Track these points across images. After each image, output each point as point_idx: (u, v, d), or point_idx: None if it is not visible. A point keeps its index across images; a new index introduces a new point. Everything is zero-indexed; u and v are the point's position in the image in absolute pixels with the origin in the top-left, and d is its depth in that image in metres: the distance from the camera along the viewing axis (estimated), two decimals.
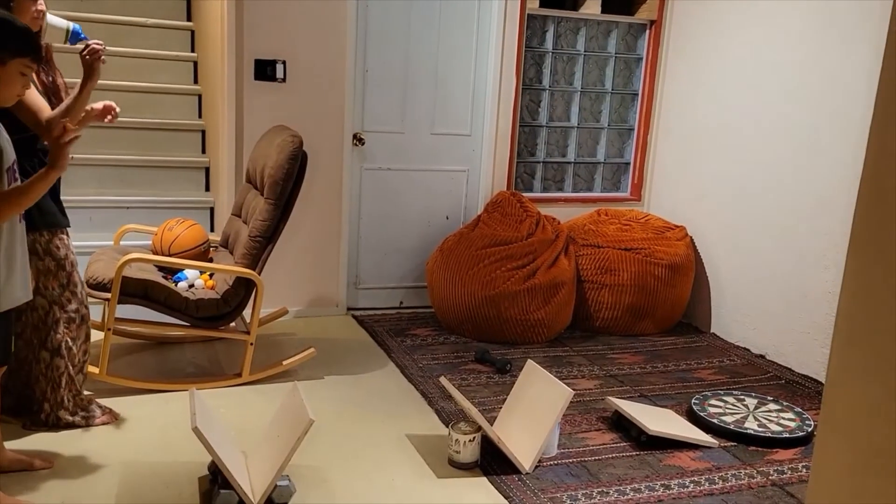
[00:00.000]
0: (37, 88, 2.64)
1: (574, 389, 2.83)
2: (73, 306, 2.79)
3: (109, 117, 2.85)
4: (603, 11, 4.72)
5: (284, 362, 3.50)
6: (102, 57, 2.64)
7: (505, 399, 3.14)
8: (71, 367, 2.82)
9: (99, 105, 2.92)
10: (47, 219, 2.70)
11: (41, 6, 2.67)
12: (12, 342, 2.51)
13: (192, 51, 5.22)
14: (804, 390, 3.70)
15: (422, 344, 4.03)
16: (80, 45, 2.66)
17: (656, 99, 4.90)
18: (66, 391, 2.83)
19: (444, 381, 3.06)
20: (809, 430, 3.15)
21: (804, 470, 2.89)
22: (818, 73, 3.81)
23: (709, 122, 4.51)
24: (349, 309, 4.50)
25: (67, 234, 2.78)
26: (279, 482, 2.47)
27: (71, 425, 2.84)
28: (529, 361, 3.08)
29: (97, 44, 2.61)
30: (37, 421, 2.82)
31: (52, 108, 2.67)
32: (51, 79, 2.72)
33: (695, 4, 4.60)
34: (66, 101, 2.63)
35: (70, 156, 2.23)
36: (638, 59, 4.93)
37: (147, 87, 4.84)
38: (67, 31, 2.57)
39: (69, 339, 2.79)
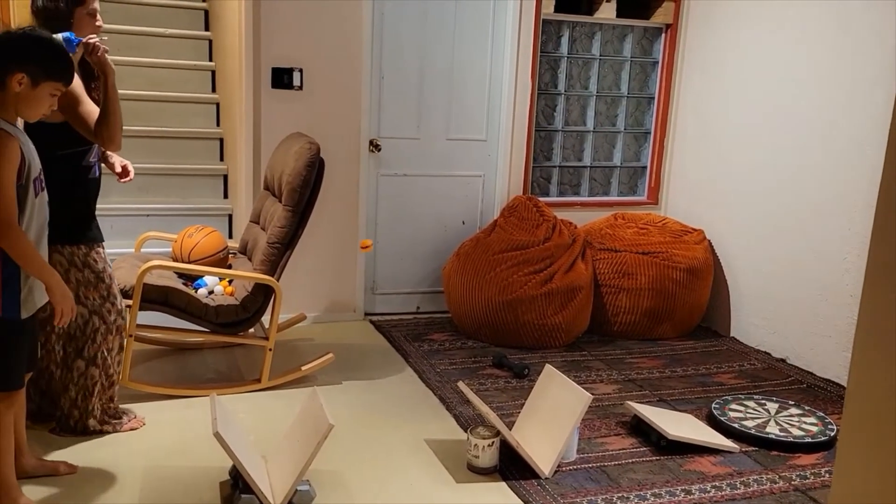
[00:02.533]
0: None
1: (593, 394, 2.83)
2: (112, 317, 2.84)
3: (126, 179, 3.05)
4: (618, 15, 4.72)
5: (303, 368, 3.51)
6: (104, 47, 2.64)
7: (523, 404, 3.13)
8: (104, 377, 2.86)
9: (118, 166, 3.05)
10: (85, 234, 2.78)
11: (100, 23, 2.74)
12: (38, 348, 2.55)
13: (210, 60, 5.27)
14: (826, 394, 3.66)
15: (439, 349, 4.04)
16: (80, 51, 2.66)
17: (672, 102, 4.88)
18: (97, 400, 2.86)
19: (462, 385, 3.06)
20: (832, 434, 3.12)
21: (827, 475, 2.86)
22: (835, 75, 3.78)
23: (726, 125, 4.49)
24: (366, 314, 4.52)
25: (103, 248, 2.84)
26: (299, 487, 2.49)
27: (99, 432, 2.88)
28: (547, 366, 3.07)
29: (91, 38, 2.63)
30: (65, 427, 2.85)
31: None
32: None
33: (710, 7, 4.58)
34: (100, 106, 2.65)
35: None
36: (654, 62, 4.91)
37: (166, 97, 4.89)
38: (59, 42, 2.58)
39: (105, 350, 2.84)
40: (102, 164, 2.96)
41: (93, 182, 2.82)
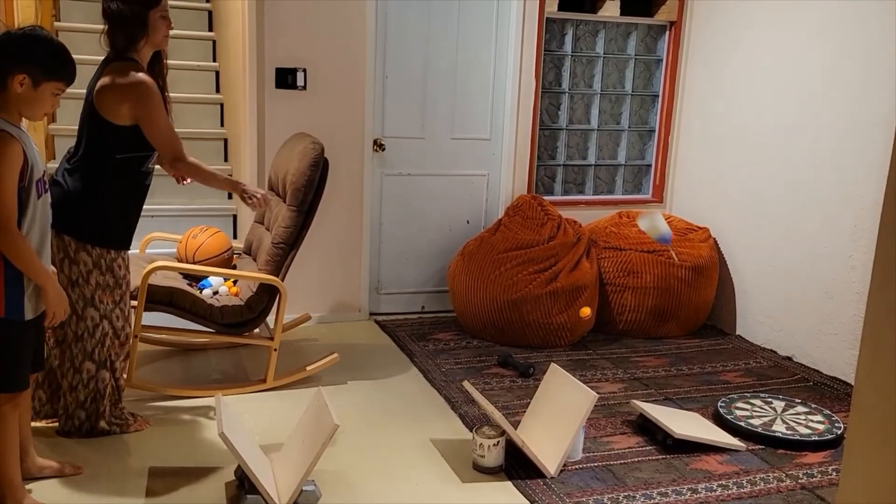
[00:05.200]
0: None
1: (598, 393, 2.82)
2: (120, 324, 2.85)
3: (186, 181, 3.08)
4: (622, 13, 4.71)
5: (308, 368, 3.51)
6: (265, 204, 2.99)
7: (528, 403, 3.13)
8: (113, 380, 2.87)
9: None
10: (118, 239, 2.81)
11: (171, 24, 2.78)
12: (45, 348, 2.55)
13: (214, 61, 5.28)
14: (833, 392, 3.65)
15: (444, 348, 4.03)
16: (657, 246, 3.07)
17: (677, 100, 4.87)
18: (107, 401, 2.87)
19: (467, 385, 3.06)
20: (839, 432, 3.11)
21: (834, 473, 2.85)
22: (841, 71, 3.76)
23: (731, 123, 4.48)
24: (371, 314, 4.52)
25: (128, 255, 2.87)
26: (305, 487, 2.49)
27: (106, 433, 2.88)
28: (553, 365, 3.07)
29: (260, 198, 2.96)
30: (71, 429, 2.85)
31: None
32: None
33: (714, 5, 4.57)
34: (212, 172, 2.91)
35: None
36: (658, 60, 4.90)
37: (171, 98, 4.89)
38: (660, 233, 3.01)
39: (113, 353, 2.84)
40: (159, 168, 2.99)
41: (144, 189, 2.84)
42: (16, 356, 2.27)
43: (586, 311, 2.99)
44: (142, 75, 2.67)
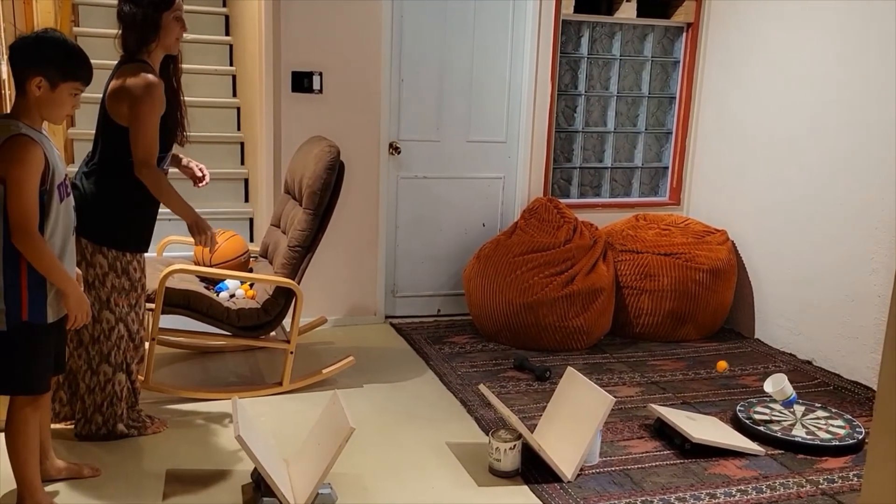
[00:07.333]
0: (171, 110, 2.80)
1: (615, 396, 2.80)
2: (135, 327, 2.86)
3: (202, 184, 3.12)
4: (638, 15, 4.69)
5: (324, 371, 3.52)
6: (211, 243, 2.93)
7: (545, 406, 3.11)
8: (129, 382, 2.89)
9: (197, 170, 3.13)
10: (134, 242, 2.82)
11: (186, 27, 2.79)
12: (66, 351, 2.57)
13: (231, 65, 5.31)
14: (854, 396, 3.60)
15: (460, 352, 4.03)
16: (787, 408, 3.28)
17: (694, 102, 4.83)
18: (124, 404, 2.89)
19: (483, 388, 3.05)
20: (860, 437, 3.07)
21: (855, 479, 2.81)
22: (859, 74, 3.72)
23: (748, 124, 4.44)
24: (387, 317, 4.52)
25: (144, 257, 2.88)
26: (321, 490, 2.49)
27: (125, 435, 2.90)
28: (569, 368, 3.05)
29: (208, 236, 2.91)
30: (89, 433, 2.87)
31: (170, 138, 2.82)
32: (178, 114, 2.88)
33: (732, 6, 4.53)
34: (175, 193, 2.82)
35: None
36: (675, 62, 4.87)
37: (187, 101, 4.92)
38: (786, 395, 3.18)
39: (129, 357, 2.86)
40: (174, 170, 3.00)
41: None
42: (37, 359, 2.28)
43: (723, 365, 3.56)
44: (151, 76, 2.67)
